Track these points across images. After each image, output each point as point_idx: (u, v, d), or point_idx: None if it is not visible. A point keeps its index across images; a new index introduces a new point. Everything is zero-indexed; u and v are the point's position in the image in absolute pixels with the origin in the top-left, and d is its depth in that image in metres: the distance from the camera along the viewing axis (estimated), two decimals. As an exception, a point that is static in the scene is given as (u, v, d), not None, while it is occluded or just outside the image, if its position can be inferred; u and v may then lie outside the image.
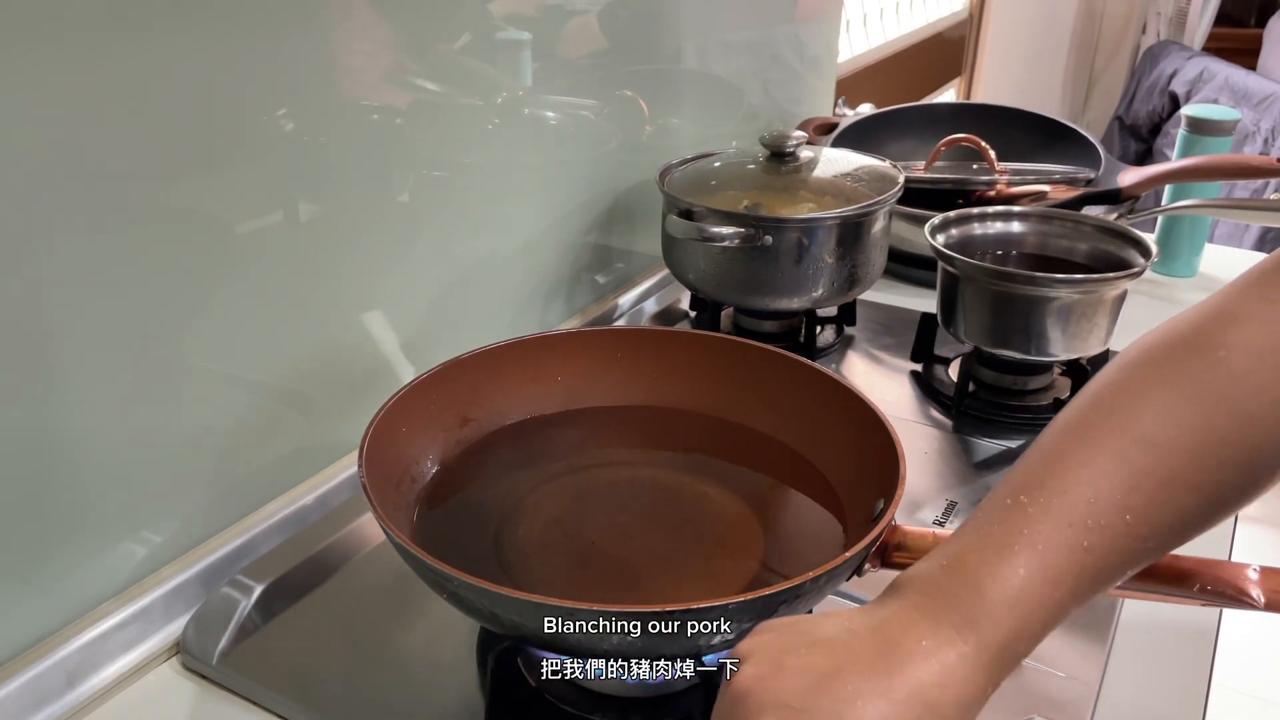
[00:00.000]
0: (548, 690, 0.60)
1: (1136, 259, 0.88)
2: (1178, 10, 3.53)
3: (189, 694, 0.62)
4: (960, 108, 1.44)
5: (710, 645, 0.51)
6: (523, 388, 0.75)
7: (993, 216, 0.97)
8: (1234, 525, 0.79)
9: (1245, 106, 2.79)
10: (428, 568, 0.52)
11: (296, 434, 0.76)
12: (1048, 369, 0.93)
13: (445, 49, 0.81)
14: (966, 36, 2.39)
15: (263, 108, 0.67)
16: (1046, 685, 0.61)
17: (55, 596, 0.62)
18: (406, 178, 0.80)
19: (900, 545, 0.56)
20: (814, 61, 1.45)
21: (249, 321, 0.70)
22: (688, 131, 1.17)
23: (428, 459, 0.69)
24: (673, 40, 1.11)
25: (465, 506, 0.68)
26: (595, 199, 1.03)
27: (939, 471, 0.83)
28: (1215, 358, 0.45)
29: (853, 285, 0.97)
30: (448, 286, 0.86)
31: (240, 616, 0.66)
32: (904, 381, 0.97)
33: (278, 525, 0.73)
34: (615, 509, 0.68)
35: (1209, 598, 0.50)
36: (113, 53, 0.57)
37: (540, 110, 0.93)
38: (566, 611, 0.49)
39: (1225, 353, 0.45)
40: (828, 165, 1.03)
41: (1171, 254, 1.22)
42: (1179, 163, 1.15)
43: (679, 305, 1.13)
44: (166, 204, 0.62)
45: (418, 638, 0.65)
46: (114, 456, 0.63)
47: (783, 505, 0.70)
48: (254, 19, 0.64)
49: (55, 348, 0.58)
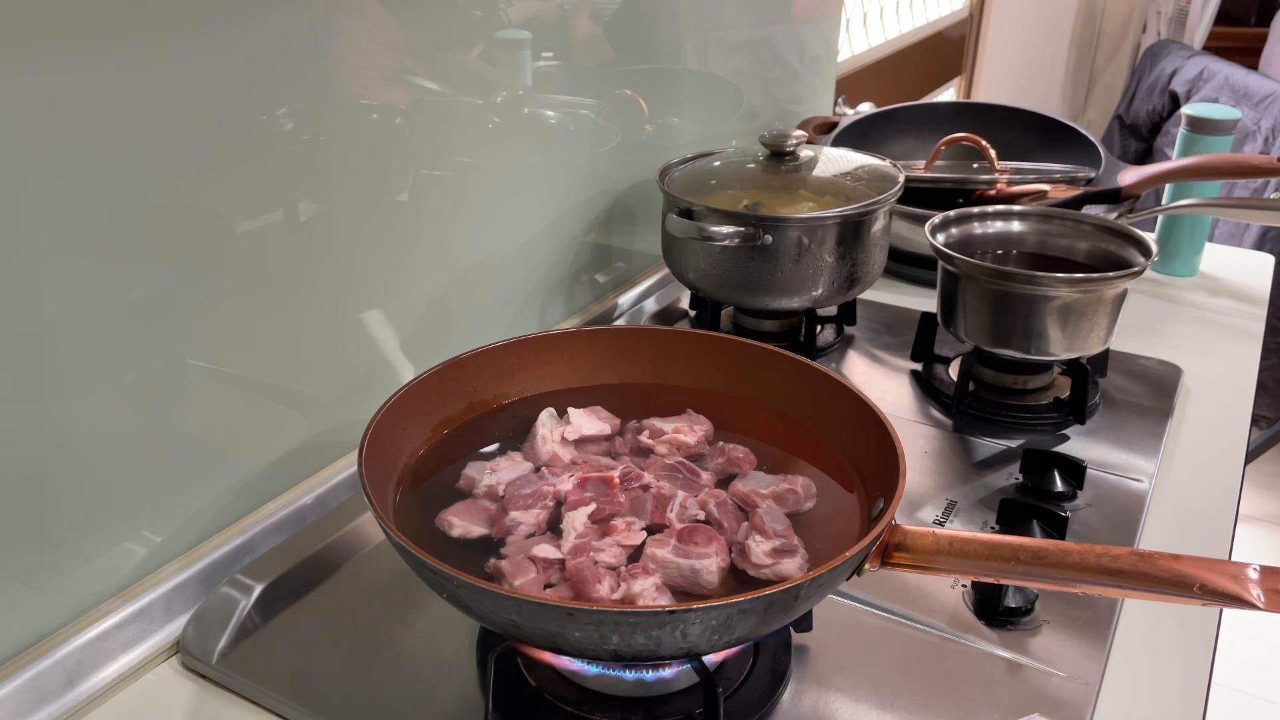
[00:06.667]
0: (548, 690, 0.60)
1: (1136, 258, 0.88)
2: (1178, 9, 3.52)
3: (188, 694, 0.63)
4: (960, 107, 1.44)
5: (710, 646, 0.51)
6: (523, 387, 0.75)
7: (993, 216, 0.97)
8: (1234, 525, 0.79)
9: (1245, 106, 2.79)
10: (428, 568, 0.52)
11: (296, 434, 0.76)
12: (1048, 368, 0.93)
13: (445, 49, 0.81)
14: (966, 36, 2.39)
15: (263, 107, 0.67)
16: (1046, 685, 0.61)
17: (55, 596, 0.62)
18: (406, 177, 0.80)
19: (900, 545, 0.56)
20: (814, 61, 1.45)
21: (249, 321, 0.70)
22: (688, 131, 1.17)
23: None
24: (673, 40, 1.11)
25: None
26: (595, 198, 1.03)
27: (939, 471, 0.83)
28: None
29: (853, 284, 0.97)
30: (448, 286, 0.86)
31: (240, 616, 0.66)
32: (904, 381, 0.97)
33: (277, 525, 0.73)
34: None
35: (1209, 598, 0.50)
36: (113, 52, 0.57)
37: (540, 110, 0.93)
38: (566, 612, 0.49)
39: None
40: (828, 164, 1.03)
41: (1171, 253, 1.23)
42: (1179, 162, 1.15)
43: (679, 304, 1.13)
44: (167, 203, 0.62)
45: (418, 638, 0.65)
46: (114, 456, 0.63)
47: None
48: (254, 19, 0.64)
49: (55, 348, 0.58)
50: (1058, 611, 0.67)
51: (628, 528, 0.62)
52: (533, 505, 0.64)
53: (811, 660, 0.63)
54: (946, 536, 0.56)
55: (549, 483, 0.65)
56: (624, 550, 0.61)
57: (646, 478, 0.66)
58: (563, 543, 0.61)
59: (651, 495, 0.64)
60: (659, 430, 0.71)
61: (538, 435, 0.70)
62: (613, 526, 0.62)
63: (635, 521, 0.63)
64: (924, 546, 0.56)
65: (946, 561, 0.55)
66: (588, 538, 0.61)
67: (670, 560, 0.59)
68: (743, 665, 0.62)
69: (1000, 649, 0.64)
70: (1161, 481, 0.84)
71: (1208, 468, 0.86)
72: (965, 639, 0.65)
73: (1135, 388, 0.95)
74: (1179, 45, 3.25)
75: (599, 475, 0.65)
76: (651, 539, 0.61)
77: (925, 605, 0.68)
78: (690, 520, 0.63)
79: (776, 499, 0.65)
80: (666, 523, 0.62)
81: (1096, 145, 1.23)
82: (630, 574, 0.58)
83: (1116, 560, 0.52)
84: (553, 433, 0.70)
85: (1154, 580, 0.51)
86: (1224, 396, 0.97)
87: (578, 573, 0.58)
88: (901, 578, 0.69)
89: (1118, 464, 0.84)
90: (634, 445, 0.71)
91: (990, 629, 0.66)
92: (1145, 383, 0.96)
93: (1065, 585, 0.53)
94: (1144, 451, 0.85)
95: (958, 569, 0.55)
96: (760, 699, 0.60)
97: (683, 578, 0.58)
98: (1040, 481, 0.79)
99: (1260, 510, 2.44)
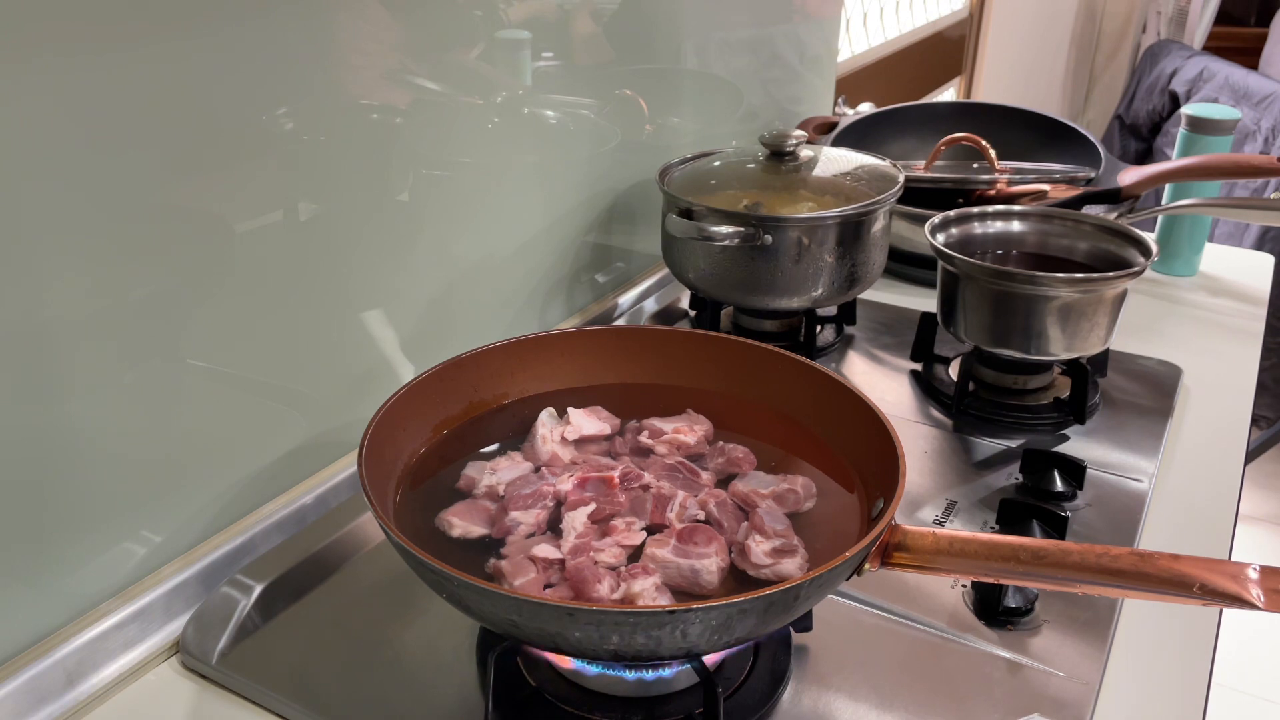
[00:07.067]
0: (548, 690, 0.60)
1: (1136, 258, 0.88)
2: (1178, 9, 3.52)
3: (188, 694, 0.62)
4: (960, 107, 1.44)
5: (710, 646, 0.51)
6: (523, 387, 0.75)
7: (993, 215, 0.97)
8: (1234, 525, 0.79)
9: (1245, 105, 2.79)
10: (428, 568, 0.52)
11: (296, 434, 0.76)
12: (1048, 368, 0.93)
13: (445, 49, 0.81)
14: (966, 36, 2.39)
15: (263, 107, 0.67)
16: (1046, 685, 0.61)
17: (55, 596, 0.62)
18: (406, 177, 0.80)
19: (900, 545, 0.56)
20: (814, 61, 1.45)
21: (249, 321, 0.70)
22: (688, 131, 1.17)
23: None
24: (673, 40, 1.11)
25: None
26: (595, 198, 1.03)
27: (939, 471, 0.83)
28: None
29: (853, 284, 0.97)
30: (448, 286, 0.86)
31: (240, 616, 0.66)
32: (904, 381, 0.97)
33: (277, 525, 0.73)
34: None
35: (1209, 598, 0.50)
36: (112, 52, 0.57)
37: (540, 110, 0.93)
38: (566, 612, 0.49)
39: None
40: (828, 164, 1.03)
41: (1171, 253, 1.23)
42: (1179, 162, 1.15)
43: (679, 304, 1.13)
44: (167, 203, 0.62)
45: (418, 638, 0.65)
46: (114, 456, 0.63)
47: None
48: (254, 19, 0.64)
49: (55, 348, 0.58)
50: (1058, 611, 0.67)
51: (628, 528, 0.62)
52: (533, 505, 0.64)
53: (811, 660, 0.63)
54: (946, 536, 0.56)
55: (549, 483, 0.65)
56: (624, 550, 0.61)
57: (646, 478, 0.66)
58: (563, 543, 0.61)
59: (651, 495, 0.64)
60: (659, 430, 0.71)
61: (538, 435, 0.70)
62: (613, 526, 0.62)
63: (635, 521, 0.63)
64: (924, 546, 0.56)
65: (946, 561, 0.55)
66: (588, 538, 0.61)
67: (670, 560, 0.59)
68: (743, 665, 0.62)
69: (1000, 649, 0.64)
70: (1161, 481, 0.84)
71: (1208, 468, 0.86)
72: (965, 639, 0.65)
73: (1135, 388, 0.95)
74: (1179, 45, 3.25)
75: (599, 475, 0.65)
76: (651, 539, 0.61)
77: (925, 605, 0.68)
78: (690, 520, 0.63)
79: (776, 499, 0.65)
80: (666, 523, 0.62)
81: (1096, 145, 1.23)
82: (630, 574, 0.58)
83: (1116, 560, 0.52)
84: (553, 433, 0.70)
85: (1154, 580, 0.51)
86: (1224, 396, 0.97)
87: (578, 573, 0.58)
88: (901, 578, 0.69)
89: (1118, 464, 0.84)
90: (634, 445, 0.71)
91: (990, 629, 0.66)
92: (1145, 383, 0.96)
93: (1065, 585, 0.53)
94: (1144, 451, 0.85)
95: (958, 569, 0.55)
96: (760, 699, 0.60)
97: (683, 578, 0.58)
98: (1040, 481, 0.79)
99: (1260, 510, 2.44)
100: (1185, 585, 0.50)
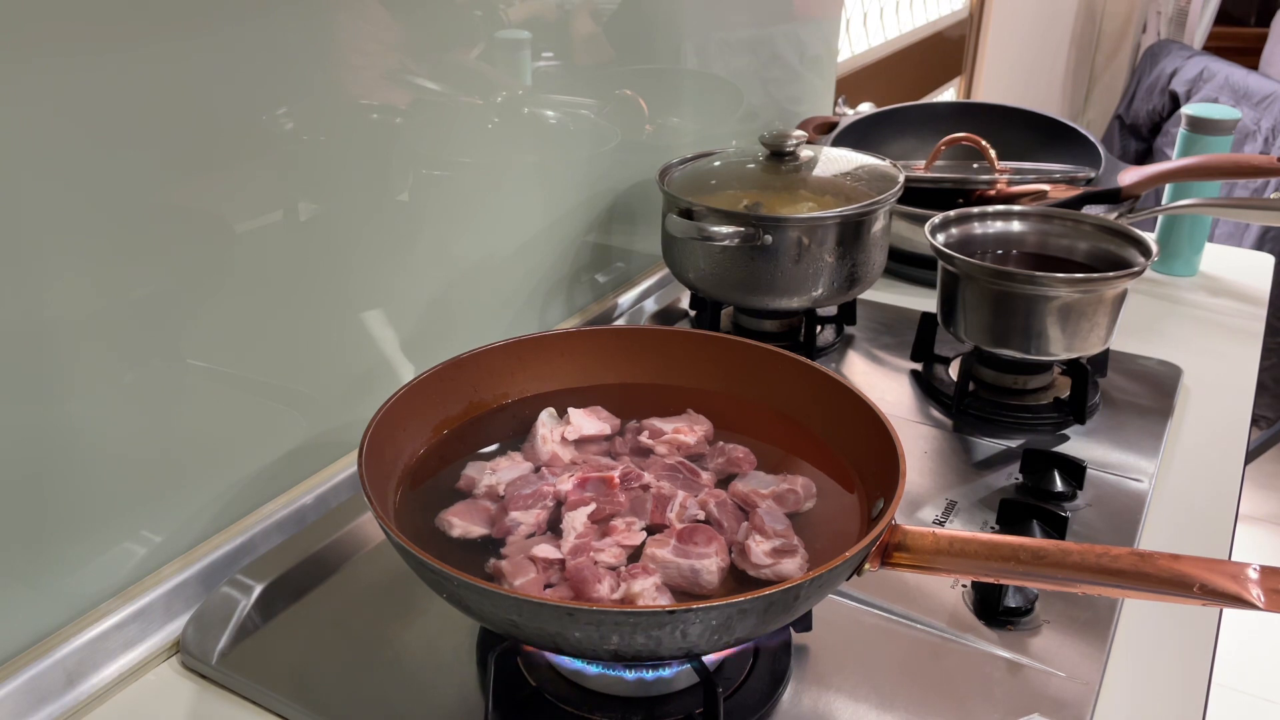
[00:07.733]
0: (548, 690, 0.60)
1: (1136, 258, 0.88)
2: (1178, 9, 3.53)
3: (188, 694, 0.62)
4: (960, 107, 1.44)
5: (710, 646, 0.51)
6: (523, 387, 0.75)
7: (993, 216, 0.97)
8: (1234, 525, 0.79)
9: (1245, 106, 2.79)
10: (428, 568, 0.52)
11: (296, 434, 0.76)
12: (1048, 368, 0.93)
13: (445, 49, 0.81)
14: (966, 36, 2.39)
15: (263, 107, 0.67)
16: (1046, 685, 0.61)
17: (55, 596, 0.62)
18: (406, 177, 0.80)
19: (900, 545, 0.56)
20: (814, 61, 1.45)
21: (249, 321, 0.70)
22: (688, 131, 1.17)
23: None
24: (673, 40, 1.11)
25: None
26: (595, 198, 1.03)
27: (939, 471, 0.83)
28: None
29: (853, 285, 0.97)
30: (448, 286, 0.86)
31: (240, 616, 0.66)
32: (904, 381, 0.97)
33: (277, 525, 0.73)
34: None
35: (1209, 598, 0.50)
36: (112, 53, 0.57)
37: (540, 110, 0.93)
38: (566, 612, 0.49)
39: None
40: (828, 164, 1.03)
41: (1171, 253, 1.23)
42: (1179, 162, 1.15)
43: (679, 304, 1.13)
44: (167, 204, 0.62)
45: (418, 638, 0.65)
46: (114, 456, 0.63)
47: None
48: (254, 19, 0.64)
49: (55, 348, 0.58)
50: (1058, 611, 0.67)
51: (628, 528, 0.62)
52: (533, 505, 0.64)
53: (811, 660, 0.63)
54: (946, 536, 0.56)
55: (549, 483, 0.65)
56: (624, 550, 0.61)
57: (646, 478, 0.66)
58: (563, 543, 0.61)
59: (651, 495, 0.64)
60: (659, 430, 0.71)
61: (538, 435, 0.70)
62: (613, 526, 0.62)
63: (635, 521, 0.63)
64: (924, 546, 0.56)
65: (946, 561, 0.55)
66: (588, 538, 0.61)
67: (670, 560, 0.59)
68: (743, 665, 0.62)
69: (1000, 649, 0.64)
70: (1161, 481, 0.84)
71: (1208, 468, 0.86)
72: (965, 639, 0.65)
73: (1135, 388, 0.95)
74: (1179, 45, 3.25)
75: (599, 475, 0.65)
76: (651, 539, 0.61)
77: (925, 605, 0.68)
78: (690, 520, 0.63)
79: (776, 499, 0.65)
80: (666, 523, 0.62)
81: (1096, 145, 1.23)
82: (630, 574, 0.58)
83: (1116, 560, 0.52)
84: (553, 433, 0.70)
85: (1154, 580, 0.51)
86: (1224, 396, 0.97)
87: (578, 573, 0.58)
88: (901, 578, 0.69)
89: (1118, 464, 0.84)
90: (634, 445, 0.71)
91: (990, 629, 0.66)
92: (1145, 383, 0.96)
93: (1065, 585, 0.53)
94: (1144, 451, 0.85)
95: (958, 569, 0.55)
96: (760, 699, 0.60)
97: (683, 578, 0.58)
98: (1040, 481, 0.79)
99: (1260, 510, 2.44)
100: (1185, 585, 0.50)
